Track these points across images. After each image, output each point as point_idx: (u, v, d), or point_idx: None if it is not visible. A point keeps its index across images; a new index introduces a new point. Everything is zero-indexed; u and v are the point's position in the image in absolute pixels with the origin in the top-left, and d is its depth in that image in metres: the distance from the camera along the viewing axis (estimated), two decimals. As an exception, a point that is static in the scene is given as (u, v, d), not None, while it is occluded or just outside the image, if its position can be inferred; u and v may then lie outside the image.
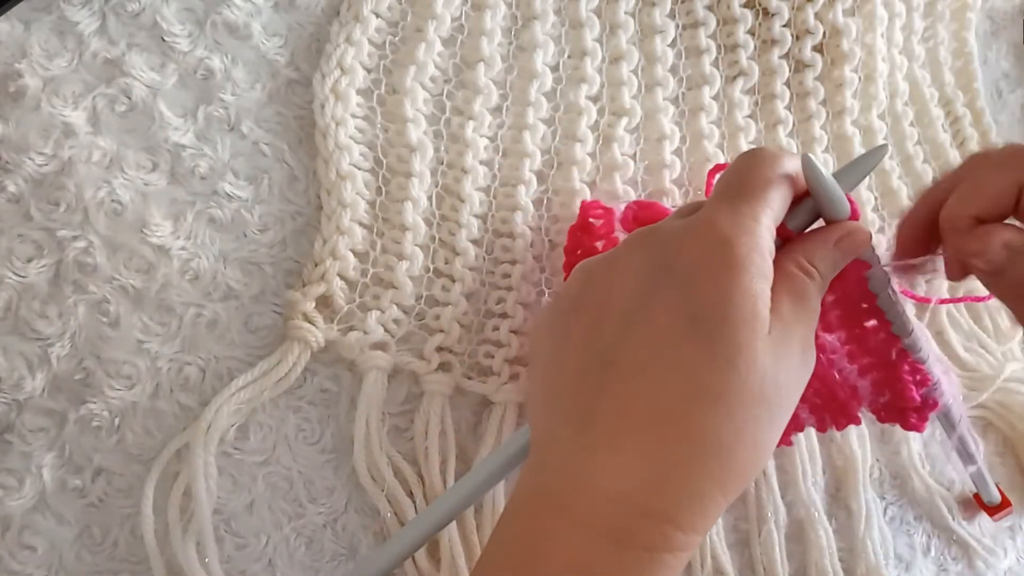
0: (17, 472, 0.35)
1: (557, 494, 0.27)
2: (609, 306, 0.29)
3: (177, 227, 0.38)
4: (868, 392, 0.37)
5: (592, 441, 0.27)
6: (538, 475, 0.28)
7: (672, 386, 0.27)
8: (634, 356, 0.27)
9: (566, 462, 0.27)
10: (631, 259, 0.29)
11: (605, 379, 0.27)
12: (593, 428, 0.27)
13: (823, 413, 0.38)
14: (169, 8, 0.39)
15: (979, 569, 0.46)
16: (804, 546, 0.43)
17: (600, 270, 0.30)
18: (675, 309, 0.27)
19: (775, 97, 0.46)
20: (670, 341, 0.27)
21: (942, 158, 0.50)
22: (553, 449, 0.28)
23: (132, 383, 0.36)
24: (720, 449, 0.26)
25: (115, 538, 0.36)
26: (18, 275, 0.36)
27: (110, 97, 0.37)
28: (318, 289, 0.39)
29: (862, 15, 0.46)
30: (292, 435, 0.38)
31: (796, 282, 0.29)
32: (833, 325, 0.36)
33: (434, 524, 0.34)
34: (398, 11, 0.42)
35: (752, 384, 0.26)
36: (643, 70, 0.45)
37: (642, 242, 0.30)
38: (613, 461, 0.26)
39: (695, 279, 0.27)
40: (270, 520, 0.37)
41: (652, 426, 0.26)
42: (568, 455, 0.27)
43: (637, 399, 0.27)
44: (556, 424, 0.28)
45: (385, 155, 0.41)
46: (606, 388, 0.27)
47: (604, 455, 0.27)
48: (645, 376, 0.27)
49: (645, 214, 0.41)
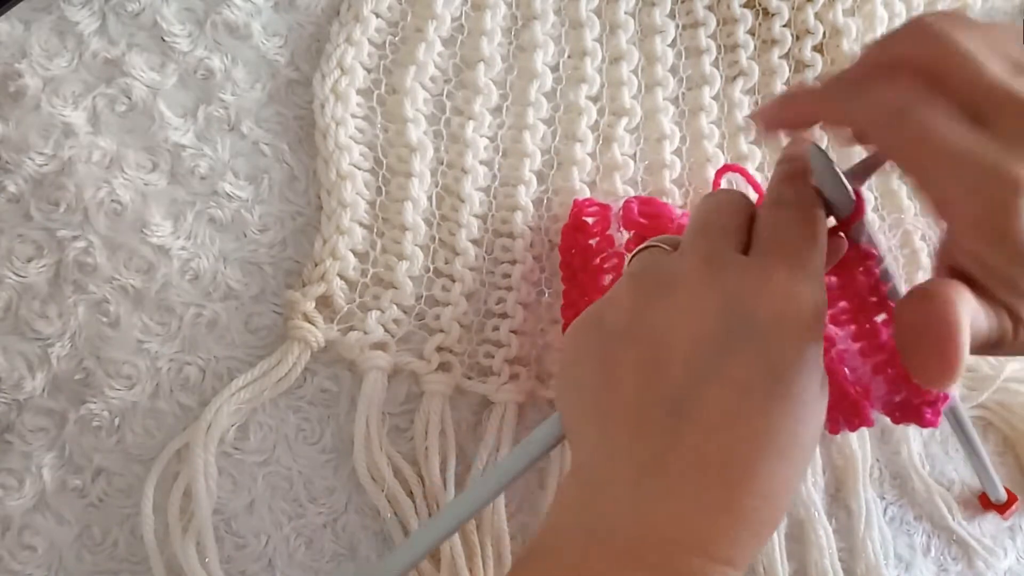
0: (17, 472, 0.35)
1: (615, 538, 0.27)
2: (673, 347, 0.28)
3: (177, 227, 0.38)
4: (883, 391, 0.37)
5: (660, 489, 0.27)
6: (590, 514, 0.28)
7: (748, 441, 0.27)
8: (711, 408, 0.27)
9: (626, 507, 0.27)
10: (698, 300, 0.28)
11: (678, 427, 0.27)
12: (662, 476, 0.27)
13: (835, 414, 0.38)
14: (169, 8, 0.39)
15: (979, 569, 0.46)
16: (804, 546, 0.43)
17: (659, 301, 0.29)
18: (754, 365, 0.27)
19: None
20: (750, 397, 0.27)
21: (942, 158, 0.50)
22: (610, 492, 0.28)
23: (132, 383, 0.36)
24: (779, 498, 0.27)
25: (115, 538, 0.36)
26: (18, 275, 0.36)
27: (110, 97, 0.37)
28: (318, 289, 0.39)
29: (862, 15, 0.46)
30: (292, 435, 0.38)
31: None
32: (842, 320, 0.36)
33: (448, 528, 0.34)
34: (398, 11, 0.42)
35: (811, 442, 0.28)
36: (643, 70, 0.45)
37: (710, 283, 0.29)
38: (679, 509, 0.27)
39: (775, 336, 0.27)
40: (270, 520, 0.37)
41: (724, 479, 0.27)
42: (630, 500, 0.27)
43: (714, 452, 0.27)
44: (614, 464, 0.28)
45: (385, 155, 0.41)
46: (679, 437, 0.27)
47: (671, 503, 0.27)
48: (723, 430, 0.27)
49: (648, 210, 0.40)
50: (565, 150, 0.43)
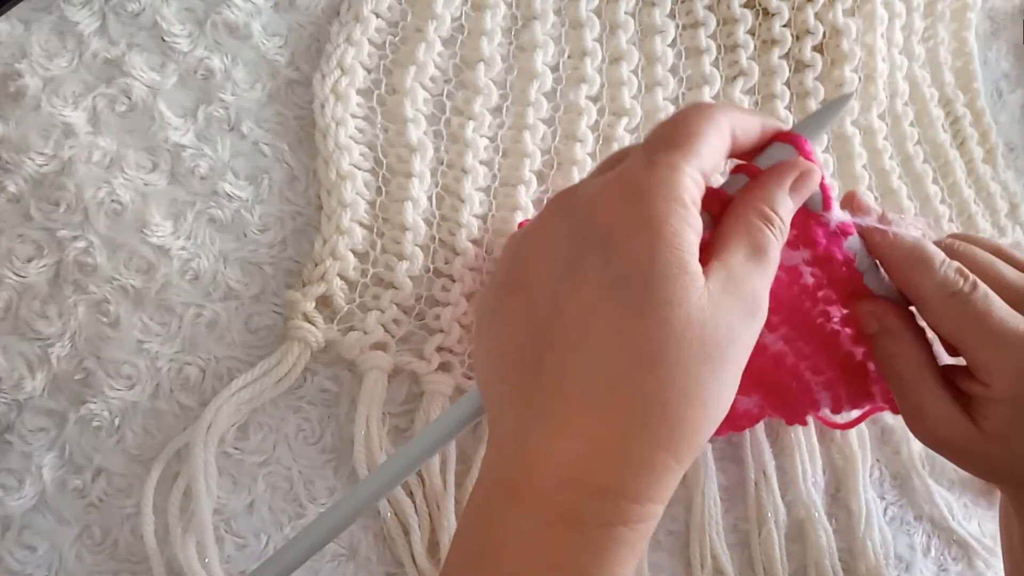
0: (17, 472, 0.35)
1: (509, 480, 0.26)
2: (537, 279, 0.28)
3: (177, 227, 0.38)
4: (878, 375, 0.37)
5: (536, 423, 0.26)
6: (490, 460, 0.28)
7: (607, 356, 0.25)
8: (565, 328, 0.26)
9: (514, 446, 0.27)
10: (552, 227, 0.28)
11: (540, 355, 0.27)
12: (535, 408, 0.26)
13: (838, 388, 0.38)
14: (169, 8, 0.39)
15: (979, 569, 0.46)
16: (804, 546, 0.43)
17: (526, 242, 0.29)
18: (599, 274, 0.26)
19: (775, 97, 0.46)
20: (599, 309, 0.26)
21: (942, 158, 0.50)
22: (500, 433, 0.28)
23: (132, 383, 0.36)
24: (664, 413, 0.25)
25: (115, 538, 0.36)
26: (18, 275, 0.36)
27: (110, 97, 0.37)
28: (318, 289, 0.39)
29: (862, 15, 0.46)
30: (292, 435, 0.38)
31: (756, 233, 0.28)
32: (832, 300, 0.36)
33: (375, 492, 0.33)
34: (398, 11, 0.42)
35: (690, 341, 0.25)
36: (643, 70, 0.45)
37: (560, 206, 0.29)
38: (559, 441, 0.26)
39: (615, 238, 0.26)
40: (270, 520, 0.37)
41: (592, 400, 0.25)
42: (515, 439, 0.27)
43: (574, 374, 0.26)
44: (501, 407, 0.28)
45: (385, 155, 0.41)
46: (544, 366, 0.26)
47: (550, 436, 0.26)
48: (579, 350, 0.26)
49: None
50: (565, 150, 0.43)
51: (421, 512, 0.38)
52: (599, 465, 0.25)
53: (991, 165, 0.51)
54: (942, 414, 0.33)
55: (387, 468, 0.33)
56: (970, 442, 0.33)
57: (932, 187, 0.49)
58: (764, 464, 0.43)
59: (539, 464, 0.26)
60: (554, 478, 0.26)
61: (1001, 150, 0.51)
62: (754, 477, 0.43)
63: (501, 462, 0.27)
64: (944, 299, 0.32)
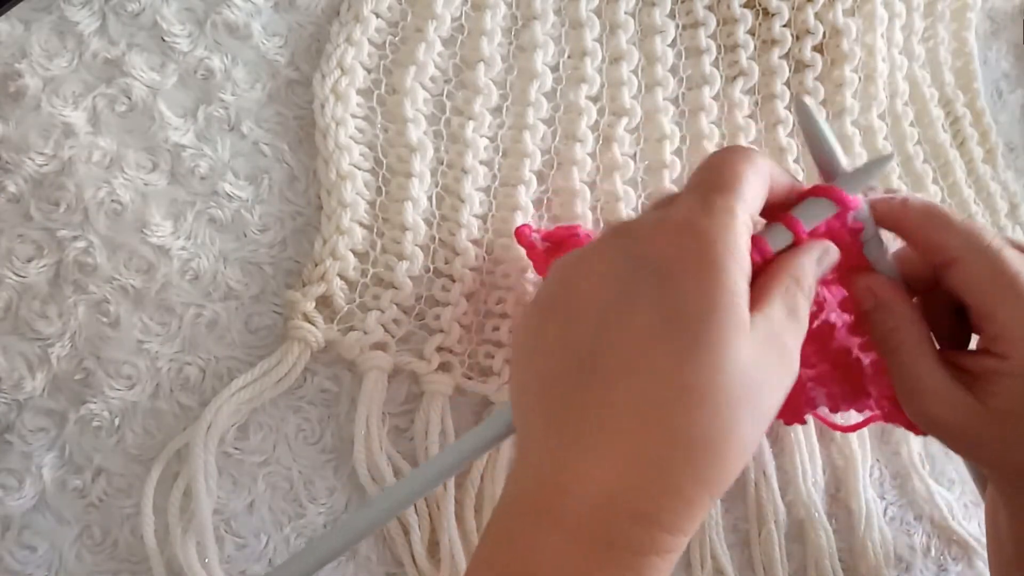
0: (17, 472, 0.35)
1: (543, 501, 0.26)
2: (583, 305, 0.28)
3: (177, 227, 0.38)
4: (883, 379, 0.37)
5: (577, 446, 0.26)
6: (521, 480, 0.28)
7: (655, 386, 0.26)
8: (613, 357, 0.26)
9: (547, 467, 0.27)
10: (605, 254, 0.29)
11: (584, 381, 0.27)
12: (576, 431, 0.26)
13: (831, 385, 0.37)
14: (169, 8, 0.39)
15: (979, 569, 0.46)
16: (804, 546, 0.43)
17: (574, 267, 0.30)
18: (653, 306, 0.26)
19: (775, 97, 0.46)
20: (650, 340, 0.26)
21: (942, 158, 0.50)
22: (534, 453, 0.27)
23: (132, 383, 0.36)
24: (708, 450, 0.26)
25: (115, 538, 0.36)
26: (18, 275, 0.36)
27: (110, 97, 0.37)
28: (318, 289, 0.39)
29: (862, 15, 0.46)
30: (292, 435, 0.38)
31: (792, 295, 0.29)
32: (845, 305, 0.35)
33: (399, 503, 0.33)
34: (398, 11, 0.42)
35: (736, 383, 0.26)
36: (643, 70, 0.45)
37: (615, 238, 0.29)
38: (600, 464, 0.26)
39: (673, 274, 0.27)
40: (270, 520, 0.37)
41: (636, 428, 0.26)
42: (549, 460, 0.27)
43: (619, 401, 0.26)
44: (535, 427, 0.28)
45: (385, 155, 0.41)
46: (586, 390, 0.27)
47: (587, 459, 0.26)
48: (627, 378, 0.26)
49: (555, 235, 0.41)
50: (565, 150, 0.43)
51: (421, 512, 0.38)
52: (639, 491, 0.26)
53: (991, 165, 0.51)
54: (941, 390, 0.32)
55: (411, 481, 0.33)
56: (971, 421, 0.32)
57: (932, 187, 0.49)
58: (764, 464, 0.43)
59: (576, 485, 0.26)
60: (591, 499, 0.26)
61: (1001, 150, 0.51)
62: (754, 477, 0.43)
63: (534, 483, 0.27)
64: (974, 254, 0.31)
